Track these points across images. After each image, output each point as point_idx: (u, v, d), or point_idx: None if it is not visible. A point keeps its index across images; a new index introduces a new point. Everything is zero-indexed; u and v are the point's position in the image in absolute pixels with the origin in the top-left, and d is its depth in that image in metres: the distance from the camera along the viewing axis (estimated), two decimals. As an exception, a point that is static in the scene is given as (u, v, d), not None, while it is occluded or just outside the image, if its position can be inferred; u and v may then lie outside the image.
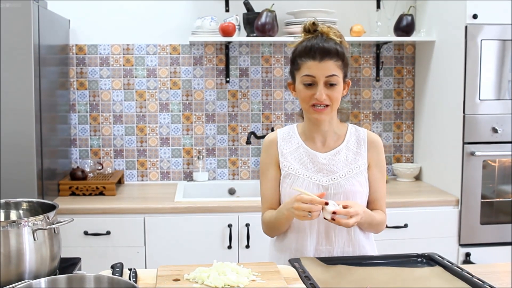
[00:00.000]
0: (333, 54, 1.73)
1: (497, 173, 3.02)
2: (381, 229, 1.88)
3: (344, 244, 1.84)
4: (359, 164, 1.84)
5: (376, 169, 1.87)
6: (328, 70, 1.73)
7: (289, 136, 1.90)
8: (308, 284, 1.54)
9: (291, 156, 1.86)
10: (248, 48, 3.45)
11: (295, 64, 1.79)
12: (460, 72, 2.94)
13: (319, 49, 1.73)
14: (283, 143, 1.88)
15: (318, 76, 1.73)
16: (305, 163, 1.84)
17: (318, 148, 1.86)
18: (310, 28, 1.80)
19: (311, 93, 1.75)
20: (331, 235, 1.83)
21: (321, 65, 1.73)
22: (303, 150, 1.86)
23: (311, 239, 1.83)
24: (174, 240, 2.86)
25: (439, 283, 1.58)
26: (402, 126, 3.57)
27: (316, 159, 1.84)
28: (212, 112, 3.46)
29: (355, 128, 1.90)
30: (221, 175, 3.51)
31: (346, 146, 1.86)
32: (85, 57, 3.37)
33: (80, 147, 3.41)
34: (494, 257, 2.91)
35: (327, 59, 1.73)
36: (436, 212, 2.98)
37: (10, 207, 1.74)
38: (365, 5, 3.44)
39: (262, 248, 2.85)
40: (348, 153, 1.85)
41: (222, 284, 1.48)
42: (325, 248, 1.83)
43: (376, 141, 1.89)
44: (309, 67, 1.74)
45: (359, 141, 1.87)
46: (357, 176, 1.83)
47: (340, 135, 1.88)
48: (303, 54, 1.76)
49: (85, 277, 1.32)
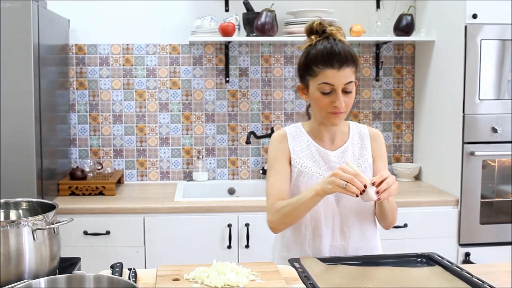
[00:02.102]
0: (350, 61, 1.74)
1: (496, 173, 3.02)
2: (396, 218, 1.86)
3: (358, 239, 1.85)
4: (366, 158, 1.87)
5: (379, 161, 1.89)
6: (346, 77, 1.73)
7: (297, 134, 1.90)
8: (308, 284, 1.54)
9: (302, 154, 1.86)
10: (248, 48, 3.45)
11: (311, 70, 1.77)
12: (460, 72, 2.94)
13: (336, 56, 1.72)
14: (293, 141, 1.88)
15: (337, 84, 1.73)
16: (317, 161, 1.85)
17: (328, 146, 1.87)
18: (318, 29, 1.80)
19: (329, 100, 1.75)
20: (345, 231, 1.84)
21: (340, 73, 1.72)
22: (314, 148, 1.86)
23: (326, 236, 1.83)
24: (173, 240, 2.86)
25: (439, 283, 1.58)
26: (402, 126, 3.57)
27: (327, 157, 1.85)
28: (211, 112, 3.46)
29: (356, 125, 1.93)
30: (221, 175, 3.51)
31: (351, 142, 1.88)
32: (85, 57, 3.37)
33: (79, 147, 3.41)
34: (494, 257, 2.91)
35: (345, 67, 1.73)
36: (435, 212, 2.98)
37: (9, 207, 1.74)
38: (365, 5, 3.44)
39: (262, 248, 2.86)
40: (354, 149, 1.87)
41: (221, 284, 1.48)
42: (340, 244, 1.84)
43: (377, 134, 1.92)
44: (328, 75, 1.73)
45: (361, 136, 1.90)
46: (366, 170, 1.85)
47: (345, 132, 1.90)
48: (320, 61, 1.74)
49: (85, 277, 1.32)
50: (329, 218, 1.83)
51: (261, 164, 3.51)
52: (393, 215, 1.84)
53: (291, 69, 3.47)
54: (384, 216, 1.83)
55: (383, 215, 1.83)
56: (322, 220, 1.83)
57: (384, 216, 1.83)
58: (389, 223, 1.87)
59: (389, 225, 1.87)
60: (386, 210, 1.80)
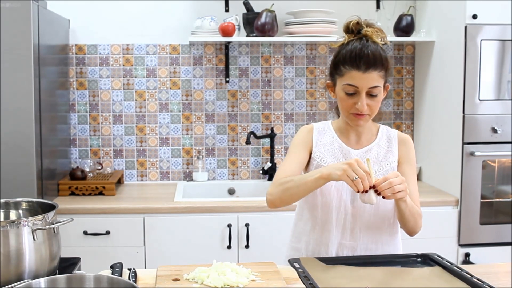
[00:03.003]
0: (378, 65, 1.71)
1: (496, 173, 3.02)
2: (420, 224, 1.81)
3: (368, 241, 1.83)
4: (390, 161, 1.85)
5: (406, 165, 1.86)
6: (372, 81, 1.71)
7: (324, 130, 1.90)
8: (308, 284, 1.54)
9: (325, 149, 1.86)
10: (248, 48, 3.45)
11: (338, 70, 1.76)
12: (460, 72, 2.94)
13: (364, 58, 1.70)
14: (318, 135, 1.88)
15: (361, 87, 1.72)
16: (338, 158, 1.84)
17: (352, 144, 1.87)
18: (354, 29, 1.78)
19: (352, 101, 1.75)
20: (356, 231, 1.83)
21: (365, 76, 1.71)
22: (338, 144, 1.86)
23: (336, 233, 1.83)
24: (173, 240, 2.86)
25: (439, 283, 1.58)
26: (402, 126, 3.58)
27: (349, 155, 1.84)
28: (211, 112, 3.46)
29: (387, 129, 1.92)
30: (221, 175, 3.51)
31: (377, 144, 1.87)
32: (85, 57, 3.37)
33: (79, 147, 3.41)
34: (494, 257, 2.91)
35: (371, 70, 1.71)
36: (435, 212, 2.98)
37: (9, 207, 1.74)
38: (365, 5, 3.44)
39: (262, 248, 2.87)
40: (379, 151, 1.86)
41: (221, 284, 1.48)
42: (348, 243, 1.83)
43: (407, 139, 1.90)
44: (353, 77, 1.72)
45: (390, 139, 1.88)
46: (387, 173, 1.80)
47: (373, 133, 1.89)
48: (348, 61, 1.72)
49: (85, 277, 1.32)
50: (341, 215, 1.82)
51: (261, 164, 3.51)
52: (415, 221, 1.78)
53: (291, 69, 3.47)
54: (404, 220, 1.77)
55: (403, 219, 1.77)
56: (333, 217, 1.82)
57: (404, 221, 1.77)
58: (411, 229, 1.80)
59: (411, 230, 1.81)
60: (405, 214, 1.74)
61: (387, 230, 1.86)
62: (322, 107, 3.50)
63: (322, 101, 3.50)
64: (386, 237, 1.86)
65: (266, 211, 2.87)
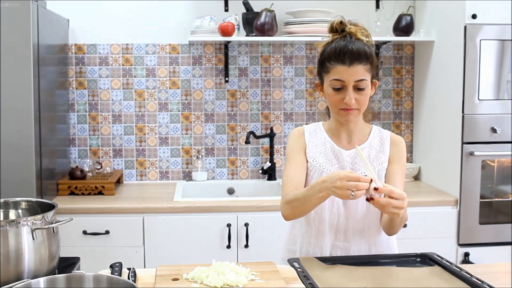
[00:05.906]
0: (362, 58, 1.73)
1: (496, 173, 3.02)
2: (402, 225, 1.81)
3: (361, 242, 1.85)
4: (381, 161, 1.86)
5: (396, 165, 1.86)
6: (357, 74, 1.73)
7: (315, 131, 1.91)
8: (307, 284, 1.54)
9: (316, 150, 1.87)
10: (247, 48, 3.45)
11: (324, 67, 1.78)
12: (459, 72, 2.94)
13: (348, 53, 1.72)
14: (310, 137, 1.90)
15: (347, 81, 1.73)
16: (330, 158, 1.86)
17: (344, 145, 1.87)
18: (338, 28, 1.80)
19: (340, 97, 1.76)
20: (349, 232, 1.84)
21: (351, 69, 1.72)
22: (329, 145, 1.87)
23: (329, 234, 1.84)
24: (173, 239, 2.86)
25: (438, 283, 1.59)
26: (401, 126, 3.57)
27: (341, 155, 1.85)
28: (211, 111, 3.46)
29: (379, 130, 1.92)
30: (220, 174, 3.51)
31: (369, 144, 1.88)
32: (84, 57, 3.37)
33: (79, 146, 3.41)
34: (493, 257, 2.91)
35: (356, 64, 1.72)
36: (435, 212, 2.98)
37: (9, 206, 1.74)
38: (364, 5, 3.44)
39: (261, 248, 2.86)
40: (370, 151, 1.86)
41: (221, 284, 1.48)
42: (342, 244, 1.85)
43: (399, 140, 1.90)
44: (339, 71, 1.73)
45: (382, 140, 1.89)
46: (379, 173, 1.83)
47: (365, 134, 1.90)
48: (332, 57, 1.75)
49: (84, 277, 1.32)
50: (333, 216, 1.83)
51: (261, 164, 3.51)
52: (400, 227, 1.80)
53: (290, 69, 3.47)
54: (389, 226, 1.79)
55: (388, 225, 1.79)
56: (327, 219, 1.84)
57: (389, 227, 1.79)
58: (391, 233, 1.83)
59: (390, 233, 1.84)
60: (394, 222, 1.75)
61: (380, 231, 1.87)
62: (322, 106, 3.50)
63: (321, 101, 3.50)
64: (379, 238, 1.88)
65: (265, 211, 2.87)
